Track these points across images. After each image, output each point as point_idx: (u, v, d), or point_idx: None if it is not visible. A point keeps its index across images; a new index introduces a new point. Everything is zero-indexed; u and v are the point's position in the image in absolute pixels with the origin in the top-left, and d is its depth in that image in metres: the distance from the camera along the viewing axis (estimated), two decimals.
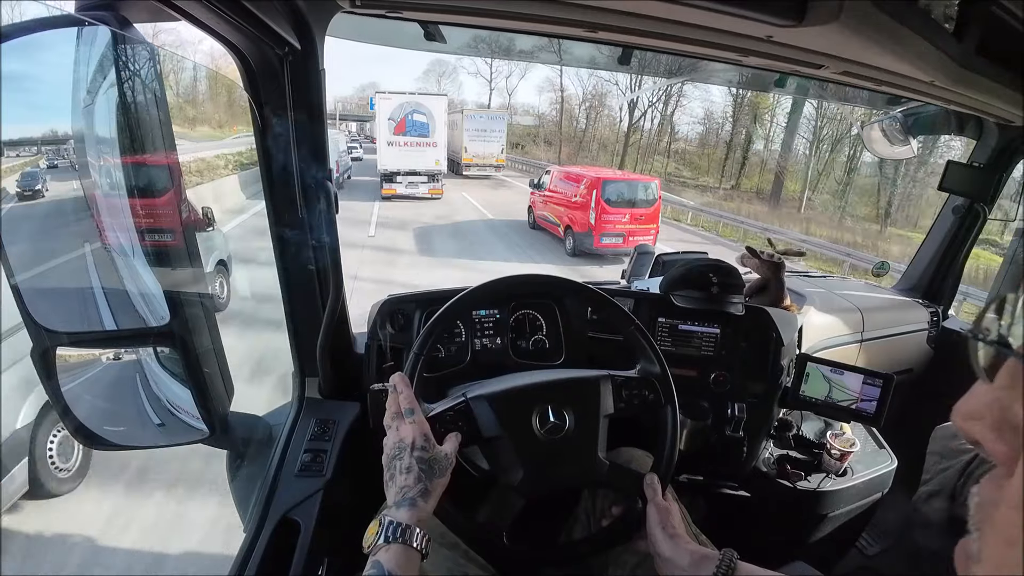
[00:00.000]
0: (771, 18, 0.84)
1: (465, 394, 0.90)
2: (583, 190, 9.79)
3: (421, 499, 0.74)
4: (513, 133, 38.82)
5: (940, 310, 2.11)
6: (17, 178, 0.86)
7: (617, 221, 9.45)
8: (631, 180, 10.27)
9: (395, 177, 14.96)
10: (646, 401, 0.95)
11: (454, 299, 0.96)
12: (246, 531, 1.01)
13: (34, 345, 0.76)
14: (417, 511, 0.73)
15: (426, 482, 0.75)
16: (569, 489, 1.06)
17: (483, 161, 20.78)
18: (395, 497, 0.75)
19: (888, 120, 1.89)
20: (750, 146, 28.78)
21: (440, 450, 0.79)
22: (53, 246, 0.89)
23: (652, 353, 0.97)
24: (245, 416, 1.21)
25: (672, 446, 0.93)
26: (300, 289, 1.18)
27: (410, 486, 0.75)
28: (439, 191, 15.40)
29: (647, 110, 33.00)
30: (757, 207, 22.79)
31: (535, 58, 1.63)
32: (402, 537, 0.70)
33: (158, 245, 0.92)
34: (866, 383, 1.36)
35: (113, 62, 0.78)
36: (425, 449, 0.77)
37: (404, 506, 0.73)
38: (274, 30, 0.83)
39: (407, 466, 0.76)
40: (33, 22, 0.67)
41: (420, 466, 0.76)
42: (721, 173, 29.49)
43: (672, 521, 0.84)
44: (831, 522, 1.47)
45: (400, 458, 0.77)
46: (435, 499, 0.76)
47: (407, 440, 0.77)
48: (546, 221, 11.32)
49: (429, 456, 0.77)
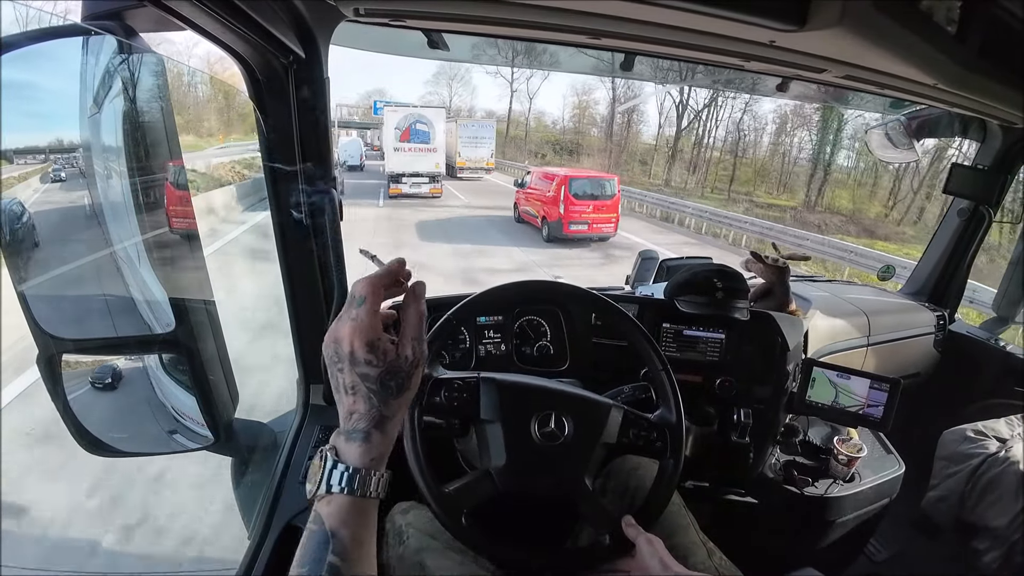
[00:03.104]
0: (773, 23, 0.84)
1: (479, 373, 0.91)
2: (554, 186, 11.60)
3: (376, 430, 0.58)
4: (531, 141, 38.98)
5: (946, 313, 2.10)
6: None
7: (582, 212, 11.38)
8: (593, 177, 12.30)
9: (401, 178, 17.35)
10: (652, 446, 0.93)
11: (459, 304, 0.96)
12: (250, 538, 1.01)
13: (40, 352, 0.76)
14: (371, 447, 0.57)
15: (380, 407, 0.58)
16: (543, 496, 1.03)
17: (475, 164, 23.24)
18: (344, 423, 0.59)
19: (891, 123, 1.89)
20: (824, 160, 26.64)
21: (397, 356, 0.59)
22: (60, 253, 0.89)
23: (674, 402, 0.95)
24: (250, 423, 1.21)
25: (666, 497, 0.92)
26: (304, 295, 1.18)
27: (360, 413, 0.58)
28: (439, 190, 17.82)
29: (700, 113, 31.28)
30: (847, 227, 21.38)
31: (538, 65, 1.63)
32: (349, 486, 0.55)
33: (163, 252, 0.92)
34: (873, 388, 1.35)
35: (119, 71, 0.79)
36: (371, 364, 0.57)
37: (355, 439, 0.57)
38: (278, 39, 0.83)
39: (350, 384, 0.58)
40: (39, 31, 0.67)
41: (367, 385, 0.57)
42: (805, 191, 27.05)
43: (662, 553, 0.81)
44: (839, 528, 1.45)
45: (340, 369, 0.58)
46: (397, 423, 0.60)
47: (343, 346, 0.57)
48: (528, 215, 13.23)
49: (379, 372, 0.58)
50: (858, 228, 22.78)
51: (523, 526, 0.89)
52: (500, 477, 0.86)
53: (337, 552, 0.53)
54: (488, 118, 33.71)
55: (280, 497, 1.05)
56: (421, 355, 0.62)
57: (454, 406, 0.89)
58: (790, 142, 29.18)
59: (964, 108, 1.48)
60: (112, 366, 0.96)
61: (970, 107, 1.45)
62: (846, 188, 26.28)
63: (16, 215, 0.79)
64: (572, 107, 39.61)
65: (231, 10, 0.69)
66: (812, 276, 2.55)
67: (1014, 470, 1.58)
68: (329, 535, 0.53)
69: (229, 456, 1.15)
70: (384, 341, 0.59)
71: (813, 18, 0.82)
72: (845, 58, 1.09)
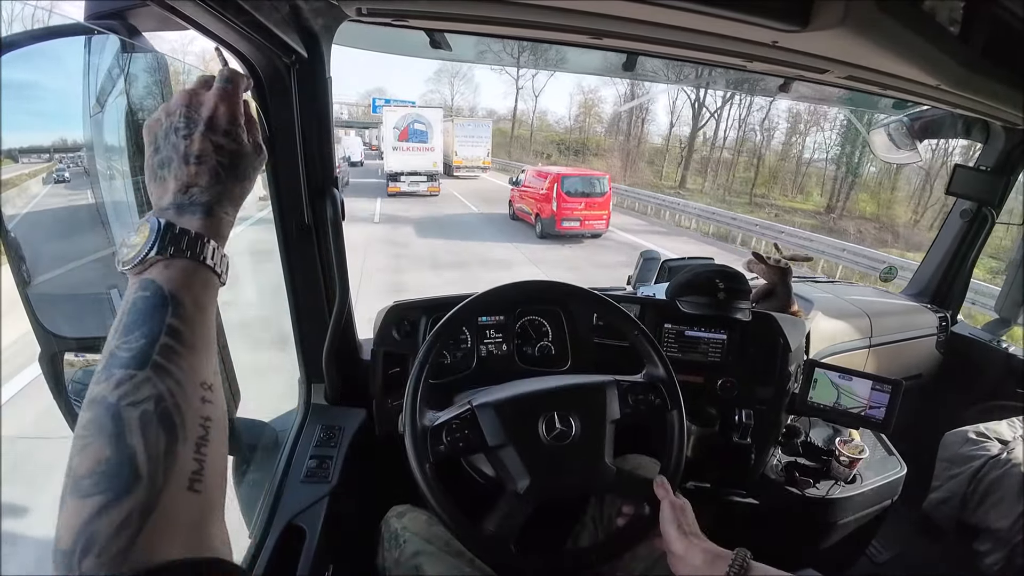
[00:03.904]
0: (776, 23, 0.84)
1: (471, 402, 0.90)
2: (547, 184, 11.73)
3: (219, 207, 0.50)
4: (536, 141, 38.99)
5: (949, 315, 2.10)
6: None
7: (574, 209, 11.52)
8: (585, 175, 12.35)
9: (399, 177, 17.53)
10: (652, 406, 0.95)
11: (460, 304, 0.96)
12: (251, 537, 1.01)
13: (42, 350, 0.77)
14: (212, 222, 0.49)
15: (226, 182, 0.51)
16: (577, 496, 1.05)
17: (471, 163, 23.71)
18: (173, 197, 0.49)
19: (894, 124, 1.89)
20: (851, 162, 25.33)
21: (245, 145, 0.53)
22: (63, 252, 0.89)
23: (657, 357, 0.97)
24: (251, 422, 1.21)
25: (680, 450, 0.93)
26: (306, 295, 1.19)
27: (202, 186, 0.50)
28: (437, 188, 17.95)
29: (718, 112, 30.43)
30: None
31: (542, 65, 1.63)
32: (189, 249, 0.46)
33: None
34: (875, 389, 1.35)
35: (122, 70, 0.79)
36: (231, 137, 0.51)
37: (194, 212, 0.49)
38: (281, 38, 0.84)
39: (197, 152, 0.50)
40: (42, 30, 0.67)
41: (219, 157, 0.51)
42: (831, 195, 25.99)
43: (686, 519, 0.83)
44: (841, 529, 1.45)
45: (184, 135, 0.50)
46: (232, 216, 0.53)
47: (202, 110, 0.51)
48: (522, 212, 13.38)
49: (235, 148, 0.52)
50: (893, 236, 21.94)
51: (527, 534, 0.89)
52: (530, 496, 0.85)
53: (177, 315, 0.44)
54: (484, 117, 34.32)
55: (281, 496, 1.05)
56: (263, 157, 0.56)
57: (460, 446, 0.87)
58: (812, 143, 28.42)
59: (967, 109, 1.48)
60: None
61: (973, 108, 1.45)
62: (868, 191, 25.48)
63: (20, 214, 0.79)
64: (578, 105, 39.64)
65: (234, 9, 0.69)
66: (814, 277, 2.55)
67: (1016, 472, 1.57)
68: (168, 297, 0.44)
69: (230, 455, 1.15)
70: (240, 122, 0.53)
71: (815, 19, 0.82)
72: (847, 59, 1.09)
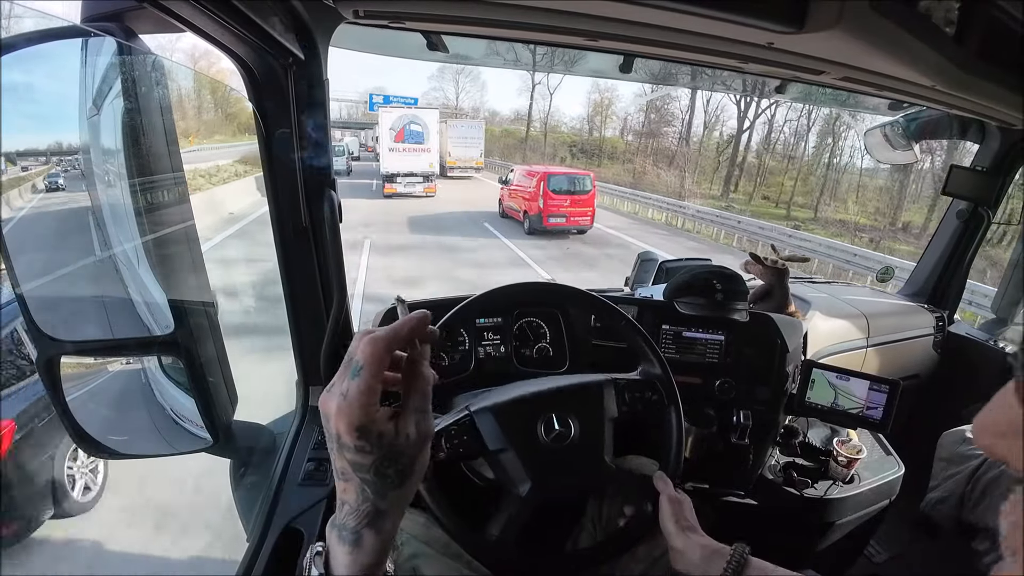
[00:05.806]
0: (772, 25, 0.85)
1: (469, 407, 0.90)
2: (535, 183, 12.36)
3: (369, 528, 0.48)
4: (548, 144, 39.02)
5: (946, 315, 2.11)
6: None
7: (560, 205, 12.23)
8: (570, 174, 13.07)
9: (395, 178, 17.77)
10: (649, 403, 0.95)
11: (459, 305, 0.96)
12: (249, 540, 1.01)
13: (38, 354, 0.76)
14: (361, 552, 0.48)
15: (374, 500, 0.48)
16: (579, 496, 1.05)
17: (465, 164, 24.51)
18: (337, 512, 0.50)
19: (890, 125, 1.89)
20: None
21: (397, 436, 0.48)
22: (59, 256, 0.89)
23: (652, 355, 0.97)
24: (249, 425, 1.20)
25: (678, 445, 0.93)
26: (304, 297, 1.18)
27: (351, 506, 0.49)
28: (433, 189, 18.24)
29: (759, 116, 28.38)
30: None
31: (536, 67, 1.64)
32: None
33: (162, 254, 0.92)
34: (872, 389, 1.35)
35: (118, 73, 0.79)
36: (363, 451, 0.47)
37: (344, 541, 0.48)
38: (278, 41, 0.83)
39: (340, 470, 0.48)
40: (38, 33, 0.67)
41: (360, 475, 0.48)
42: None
43: (685, 514, 0.83)
44: (839, 530, 1.45)
45: (331, 448, 0.49)
46: (397, 517, 0.50)
47: (330, 425, 0.47)
48: (511, 209, 14.12)
49: (374, 459, 0.47)
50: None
51: (526, 536, 0.89)
52: (532, 499, 0.85)
53: None
54: (477, 118, 34.59)
55: (279, 499, 1.04)
56: (427, 431, 0.51)
57: (459, 452, 0.87)
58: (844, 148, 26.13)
59: (963, 109, 1.48)
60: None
61: (969, 108, 1.45)
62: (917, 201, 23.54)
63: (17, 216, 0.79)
64: (594, 104, 39.32)
65: (230, 12, 0.69)
66: (811, 277, 2.55)
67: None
68: None
69: (228, 458, 1.14)
70: (380, 422, 0.47)
71: (811, 20, 0.82)
72: (843, 60, 1.10)
